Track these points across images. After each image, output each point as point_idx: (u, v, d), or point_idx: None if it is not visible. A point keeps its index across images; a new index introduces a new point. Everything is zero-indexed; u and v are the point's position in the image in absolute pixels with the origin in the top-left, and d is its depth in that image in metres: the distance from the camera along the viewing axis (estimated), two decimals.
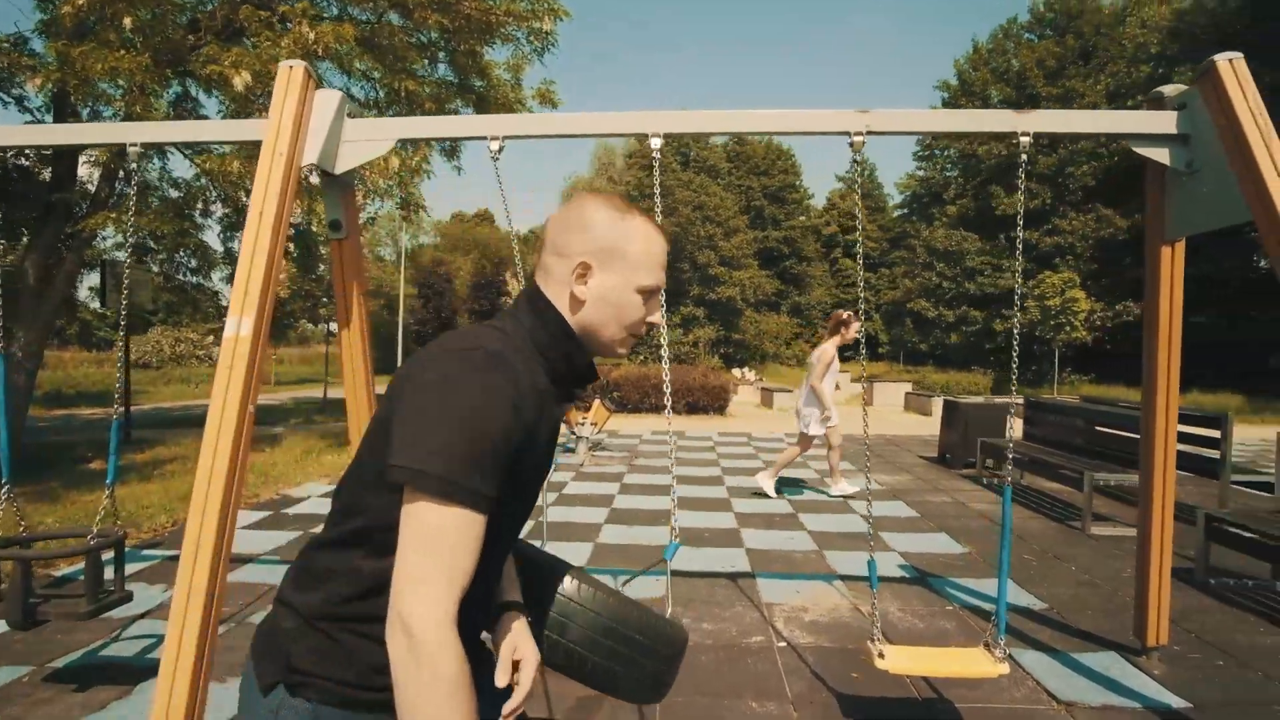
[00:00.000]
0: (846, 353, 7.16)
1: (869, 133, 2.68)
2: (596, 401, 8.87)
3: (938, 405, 13.23)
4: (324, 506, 6.11)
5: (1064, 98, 28.67)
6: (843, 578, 4.45)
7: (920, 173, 35.87)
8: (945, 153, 34.36)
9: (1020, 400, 8.96)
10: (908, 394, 17.32)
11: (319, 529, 1.11)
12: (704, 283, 39.66)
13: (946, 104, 33.65)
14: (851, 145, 2.67)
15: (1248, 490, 6.95)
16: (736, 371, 29.59)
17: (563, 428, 9.07)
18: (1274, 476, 5.98)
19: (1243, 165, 2.41)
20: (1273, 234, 2.36)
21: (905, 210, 41.10)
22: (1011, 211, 28.67)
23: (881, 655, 2.55)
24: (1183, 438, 6.19)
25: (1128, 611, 3.95)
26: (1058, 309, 21.90)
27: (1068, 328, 22.01)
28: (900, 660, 2.57)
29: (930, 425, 12.54)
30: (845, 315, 6.55)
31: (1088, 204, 28.00)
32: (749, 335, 39.93)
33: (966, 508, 6.48)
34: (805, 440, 6.73)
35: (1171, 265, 2.91)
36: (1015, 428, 3.00)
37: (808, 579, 4.41)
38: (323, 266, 11.85)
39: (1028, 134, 2.67)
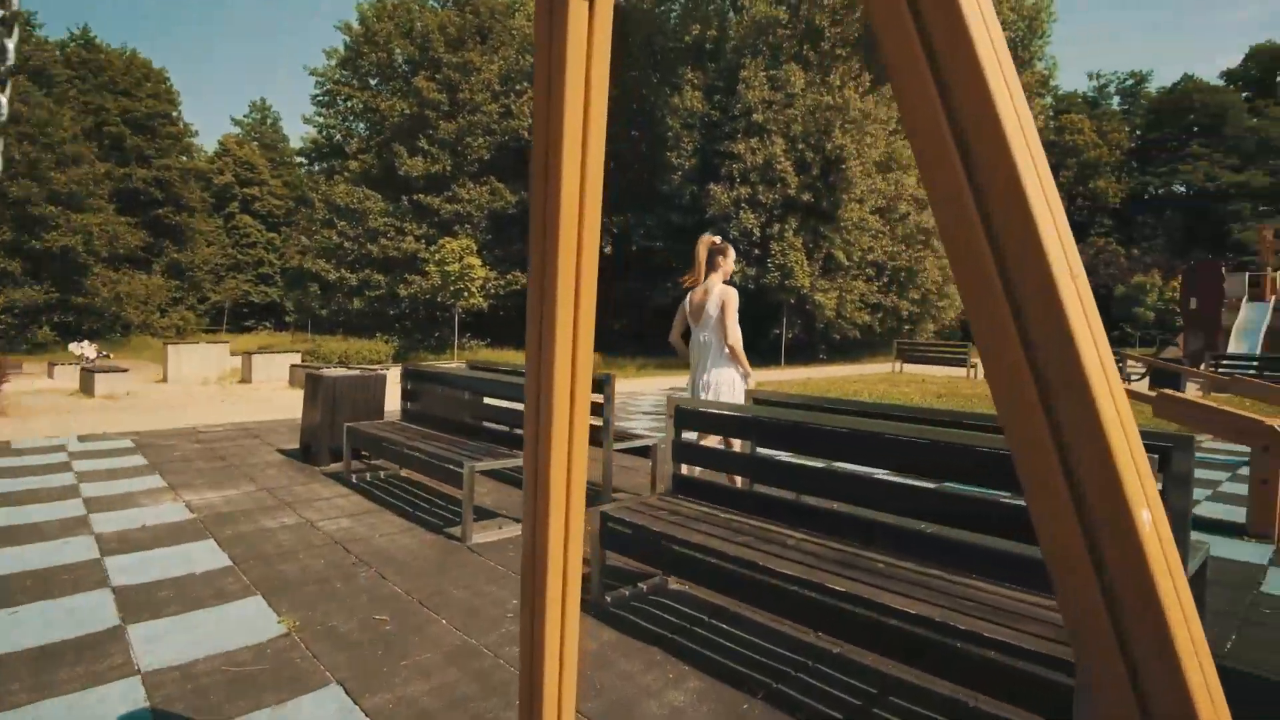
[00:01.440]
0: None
1: None
2: None
3: None
4: None
5: (463, 67, 29.34)
6: None
7: (320, 118, 32.72)
8: (348, 102, 32.01)
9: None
10: (293, 366, 14.42)
11: None
12: (24, 226, 29.13)
13: (348, 48, 31.35)
14: None
15: (625, 454, 6.43)
16: (75, 347, 22.04)
17: None
18: (651, 440, 5.55)
19: None
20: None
21: (306, 161, 37.44)
22: (415, 173, 28.21)
23: None
24: None
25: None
26: (457, 275, 22.00)
27: (466, 294, 22.34)
28: None
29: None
30: (717, 240, 4.58)
31: (484, 176, 29.34)
32: (100, 299, 30.95)
33: (315, 530, 4.41)
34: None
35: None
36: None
37: None
38: None
39: None
